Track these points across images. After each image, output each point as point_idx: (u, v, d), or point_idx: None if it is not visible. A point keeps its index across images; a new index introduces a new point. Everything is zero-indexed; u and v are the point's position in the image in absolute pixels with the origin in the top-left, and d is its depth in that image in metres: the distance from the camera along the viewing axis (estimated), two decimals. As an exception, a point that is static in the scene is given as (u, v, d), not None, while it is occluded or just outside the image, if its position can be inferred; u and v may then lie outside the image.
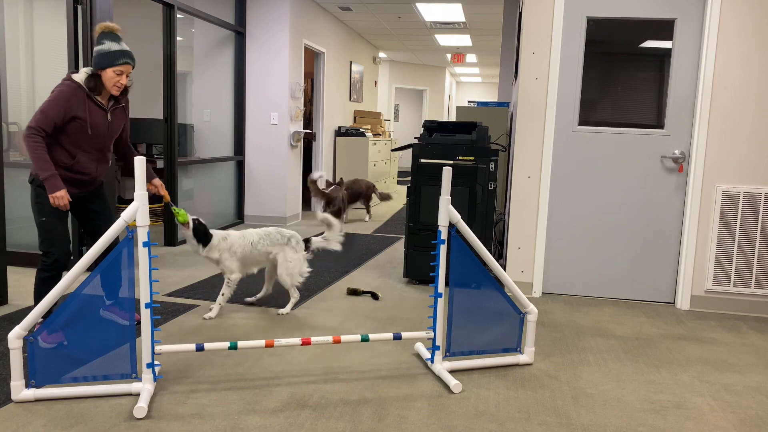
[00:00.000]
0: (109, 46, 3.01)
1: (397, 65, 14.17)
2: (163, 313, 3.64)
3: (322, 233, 3.80)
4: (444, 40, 10.56)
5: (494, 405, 2.59)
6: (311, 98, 9.01)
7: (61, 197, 2.95)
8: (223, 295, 3.57)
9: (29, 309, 3.62)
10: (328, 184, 6.93)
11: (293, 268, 3.64)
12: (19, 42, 4.68)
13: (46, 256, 3.08)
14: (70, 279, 2.41)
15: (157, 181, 3.40)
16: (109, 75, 3.03)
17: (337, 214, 6.73)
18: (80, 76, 3.04)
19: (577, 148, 4.22)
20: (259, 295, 3.91)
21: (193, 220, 3.43)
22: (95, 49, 3.03)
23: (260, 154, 6.97)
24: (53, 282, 3.11)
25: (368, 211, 7.64)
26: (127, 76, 3.08)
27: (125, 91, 3.16)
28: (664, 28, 4.05)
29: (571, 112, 4.19)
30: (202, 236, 3.43)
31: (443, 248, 2.79)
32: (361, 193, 7.28)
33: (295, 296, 3.72)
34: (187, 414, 2.42)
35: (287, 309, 3.70)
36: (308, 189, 7.18)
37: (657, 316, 3.97)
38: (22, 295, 3.93)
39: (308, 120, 9.11)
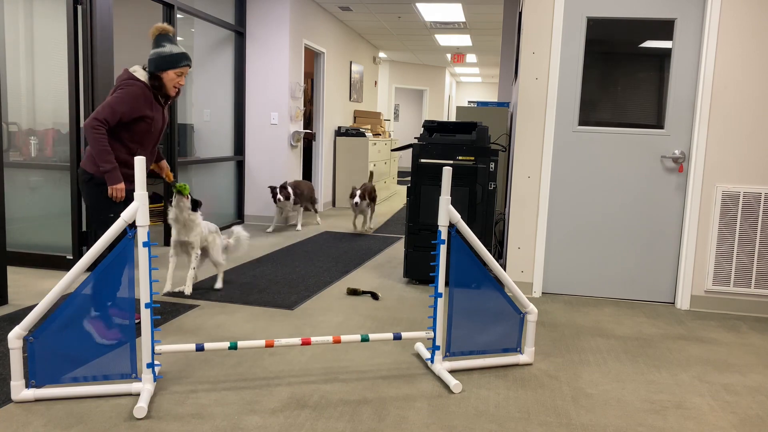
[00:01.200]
0: (170, 48, 3.14)
1: (397, 65, 14.17)
2: (163, 313, 3.64)
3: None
4: (444, 40, 10.56)
5: (494, 405, 2.59)
6: (311, 98, 9.01)
7: (121, 189, 3.15)
8: (194, 269, 4.03)
9: (29, 309, 3.62)
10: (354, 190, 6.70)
11: (219, 249, 4.22)
12: (19, 42, 4.68)
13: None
14: (70, 279, 2.41)
15: (164, 163, 3.59)
16: (170, 76, 3.17)
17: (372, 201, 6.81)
18: (143, 75, 3.15)
19: (577, 148, 4.22)
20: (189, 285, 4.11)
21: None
22: (154, 51, 3.14)
23: (260, 154, 6.97)
24: None
25: (315, 211, 7.05)
26: (184, 77, 3.24)
27: (179, 91, 3.29)
28: (664, 28, 4.05)
29: (571, 112, 4.19)
30: (195, 205, 3.94)
31: (443, 248, 2.79)
32: (303, 195, 6.71)
33: (223, 268, 4.27)
34: (187, 414, 2.42)
35: (220, 283, 4.25)
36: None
37: (657, 316, 3.97)
38: (22, 295, 3.93)
39: (308, 120, 9.11)
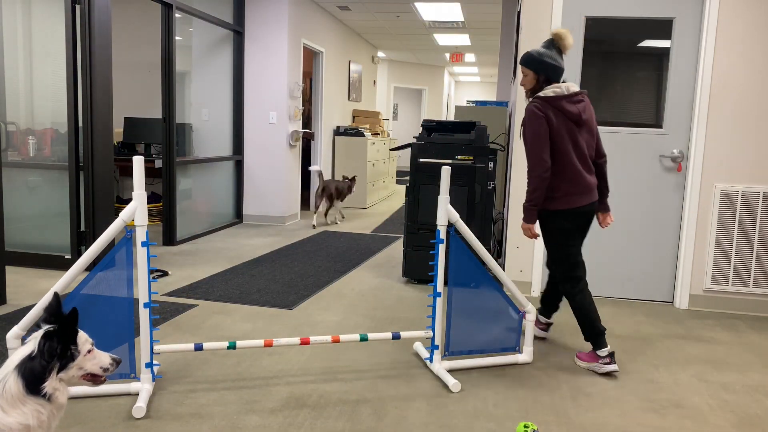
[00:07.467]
0: None
1: (395, 64, 14.17)
2: (162, 312, 3.64)
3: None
4: (443, 39, 10.56)
5: (493, 404, 2.59)
6: (310, 98, 9.01)
7: None
8: None
9: (28, 309, 3.62)
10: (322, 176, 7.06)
11: None
12: (18, 41, 4.67)
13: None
14: (68, 278, 2.40)
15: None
16: None
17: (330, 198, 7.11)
18: None
19: (575, 148, 4.21)
20: None
21: None
22: None
23: (259, 154, 6.97)
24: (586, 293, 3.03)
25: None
26: None
27: None
28: (662, 27, 4.05)
29: (570, 112, 4.18)
30: None
31: (442, 248, 2.79)
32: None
33: None
34: (185, 414, 2.42)
35: None
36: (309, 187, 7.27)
37: (656, 315, 3.98)
38: (20, 295, 3.93)
39: (307, 119, 9.11)
